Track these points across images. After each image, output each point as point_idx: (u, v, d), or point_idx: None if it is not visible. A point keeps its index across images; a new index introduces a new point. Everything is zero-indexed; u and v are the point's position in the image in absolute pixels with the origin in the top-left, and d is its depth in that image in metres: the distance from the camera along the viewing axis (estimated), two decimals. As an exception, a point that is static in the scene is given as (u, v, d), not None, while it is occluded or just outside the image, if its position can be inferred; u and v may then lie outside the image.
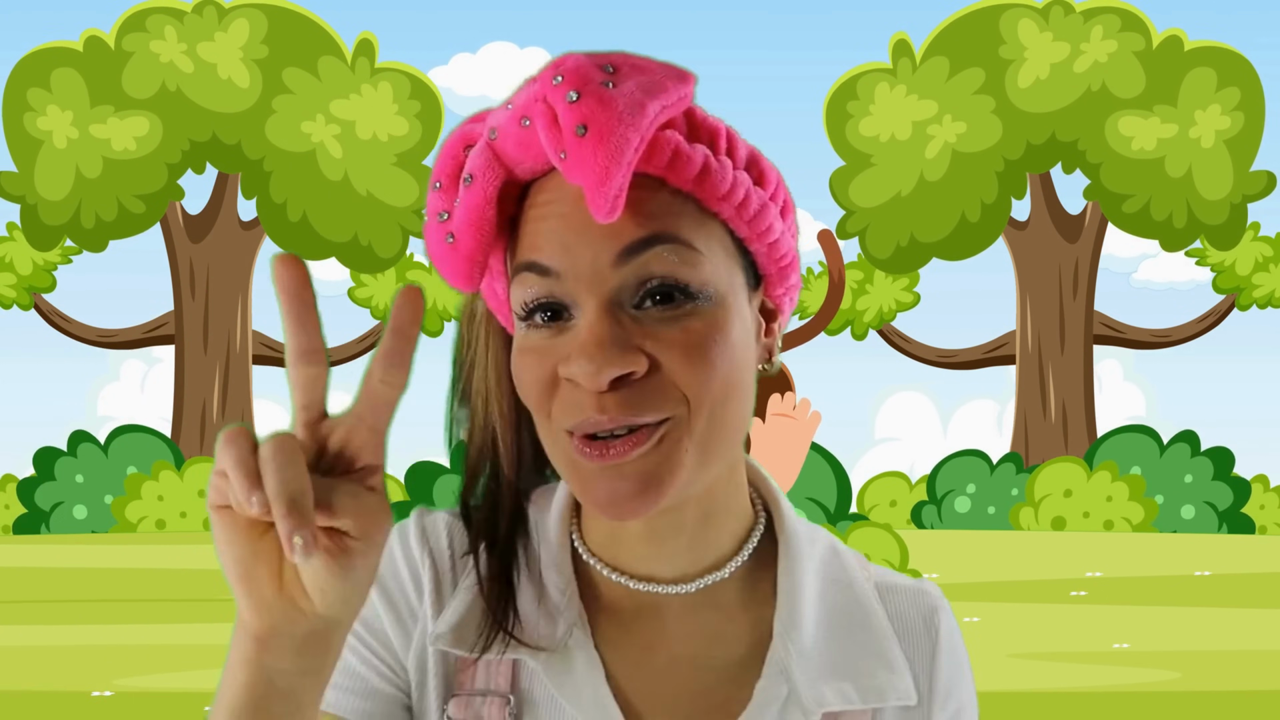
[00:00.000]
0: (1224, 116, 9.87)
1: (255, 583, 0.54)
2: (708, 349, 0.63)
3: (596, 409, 0.62)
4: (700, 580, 0.72)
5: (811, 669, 0.71)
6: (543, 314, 0.64)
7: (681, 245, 0.63)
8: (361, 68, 10.19)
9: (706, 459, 0.66)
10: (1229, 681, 4.59)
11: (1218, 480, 9.66)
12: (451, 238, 0.64)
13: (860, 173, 10.03)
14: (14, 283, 10.60)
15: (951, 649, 0.76)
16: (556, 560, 0.74)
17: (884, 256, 10.14)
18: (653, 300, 0.63)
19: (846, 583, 0.76)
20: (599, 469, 0.64)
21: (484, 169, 0.64)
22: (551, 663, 0.71)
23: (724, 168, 0.64)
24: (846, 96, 10.05)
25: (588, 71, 0.60)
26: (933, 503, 9.84)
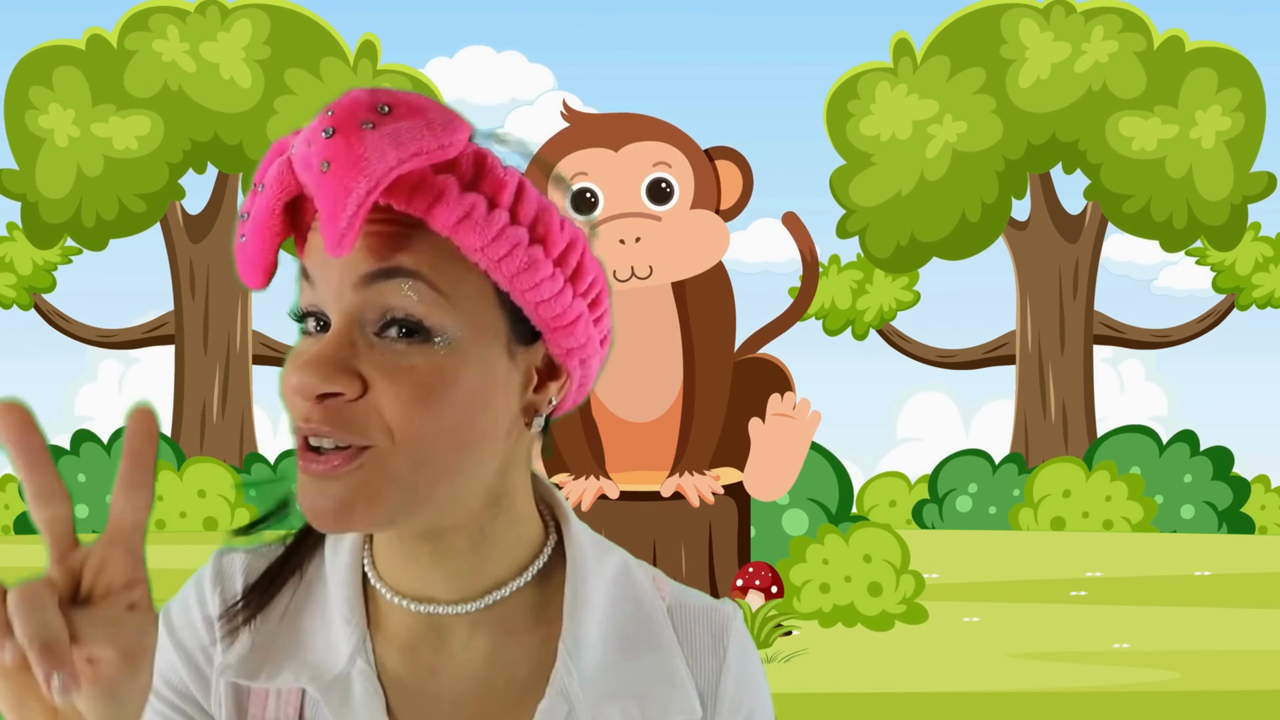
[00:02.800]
0: (1225, 117, 9.87)
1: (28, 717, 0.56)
2: (424, 390, 0.65)
3: (303, 416, 0.65)
4: (482, 600, 0.73)
5: (594, 688, 0.73)
6: (315, 321, 0.67)
7: (422, 284, 0.65)
8: (364, 69, 10.19)
9: (414, 499, 0.67)
10: (1229, 681, 4.59)
11: (1217, 480, 9.67)
12: (243, 237, 0.68)
13: (860, 172, 10.03)
14: (14, 283, 10.60)
15: (741, 665, 0.78)
16: (345, 588, 0.74)
17: (884, 256, 10.14)
18: (396, 331, 0.65)
19: (635, 601, 0.77)
20: (304, 479, 0.66)
21: (275, 180, 0.66)
22: (331, 692, 0.72)
23: (491, 220, 0.65)
24: (847, 96, 10.05)
25: (355, 109, 0.64)
26: (934, 502, 9.84)
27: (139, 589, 0.59)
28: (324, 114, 0.64)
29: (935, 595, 5.26)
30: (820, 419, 4.90)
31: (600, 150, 4.92)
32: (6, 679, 0.55)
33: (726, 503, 4.96)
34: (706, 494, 4.90)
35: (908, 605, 5.02)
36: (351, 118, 0.64)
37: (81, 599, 0.57)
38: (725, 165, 4.97)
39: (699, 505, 4.91)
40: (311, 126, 0.65)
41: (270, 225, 0.67)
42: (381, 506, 0.66)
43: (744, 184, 4.97)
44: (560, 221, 0.69)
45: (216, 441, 10.57)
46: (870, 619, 5.02)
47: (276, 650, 0.73)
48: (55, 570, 0.58)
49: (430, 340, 0.65)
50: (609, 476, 4.96)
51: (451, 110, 0.66)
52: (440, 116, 0.65)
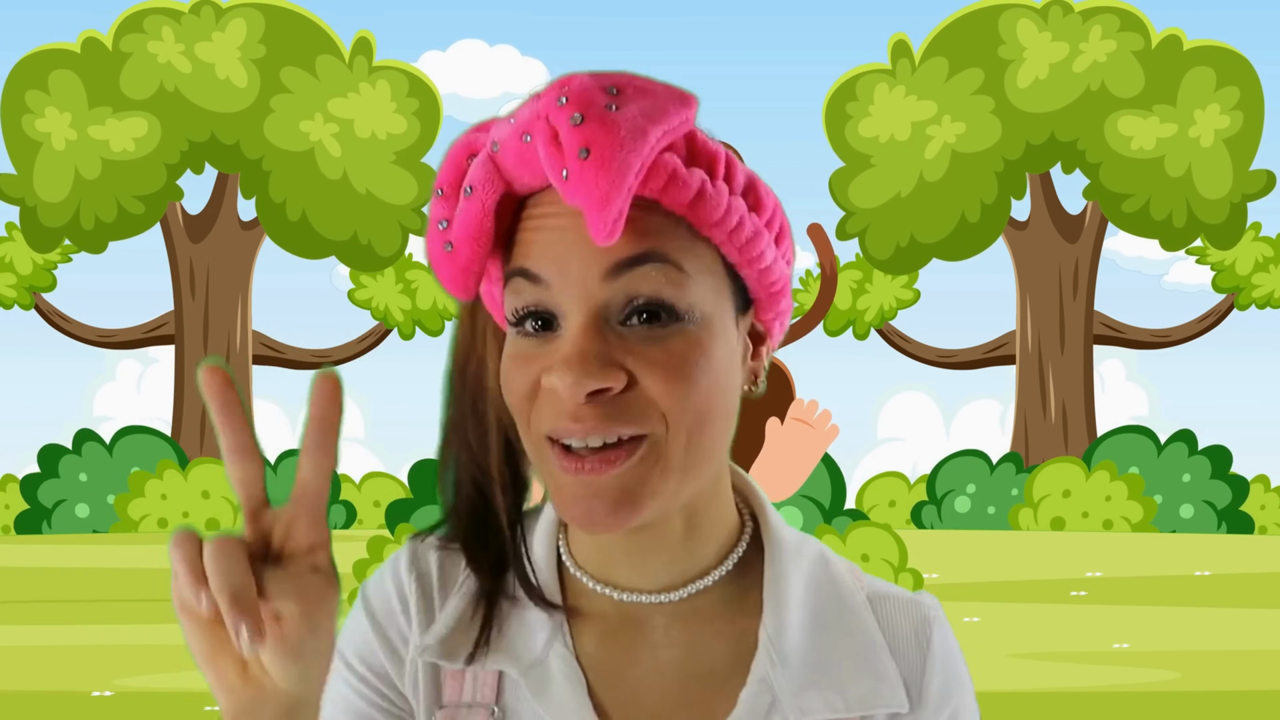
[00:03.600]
0: (1223, 116, 9.87)
1: (220, 670, 0.59)
2: (688, 369, 0.64)
3: (572, 417, 0.63)
4: (683, 590, 0.72)
5: (796, 678, 0.72)
6: (533, 322, 0.66)
7: (670, 266, 0.64)
8: (359, 66, 10.19)
9: (685, 479, 0.66)
10: (1229, 681, 4.59)
11: (1215, 479, 9.67)
12: (450, 246, 0.66)
13: (860, 173, 10.04)
14: (14, 283, 10.60)
15: (945, 659, 0.76)
16: (543, 572, 0.74)
17: (884, 257, 10.15)
18: (639, 318, 0.64)
19: (835, 591, 0.76)
20: (574, 482, 0.64)
21: (484, 181, 0.65)
22: (533, 675, 0.72)
23: (719, 193, 0.65)
24: (846, 97, 10.06)
25: (592, 94, 0.61)
26: (933, 502, 9.85)
27: (322, 552, 0.60)
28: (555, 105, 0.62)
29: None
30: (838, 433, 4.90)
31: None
32: (201, 631, 0.58)
33: (726, 503, 4.96)
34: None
35: (907, 605, 5.03)
36: (593, 102, 0.61)
37: (271, 558, 0.59)
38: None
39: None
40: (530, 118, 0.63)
41: (484, 229, 0.65)
42: (657, 496, 0.65)
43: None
44: (765, 187, 0.70)
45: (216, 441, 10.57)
46: (870, 619, 5.02)
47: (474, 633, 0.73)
48: (247, 528, 0.59)
49: (680, 320, 0.64)
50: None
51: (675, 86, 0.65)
52: (670, 91, 0.64)
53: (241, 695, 0.59)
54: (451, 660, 0.73)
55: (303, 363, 11.16)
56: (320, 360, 11.10)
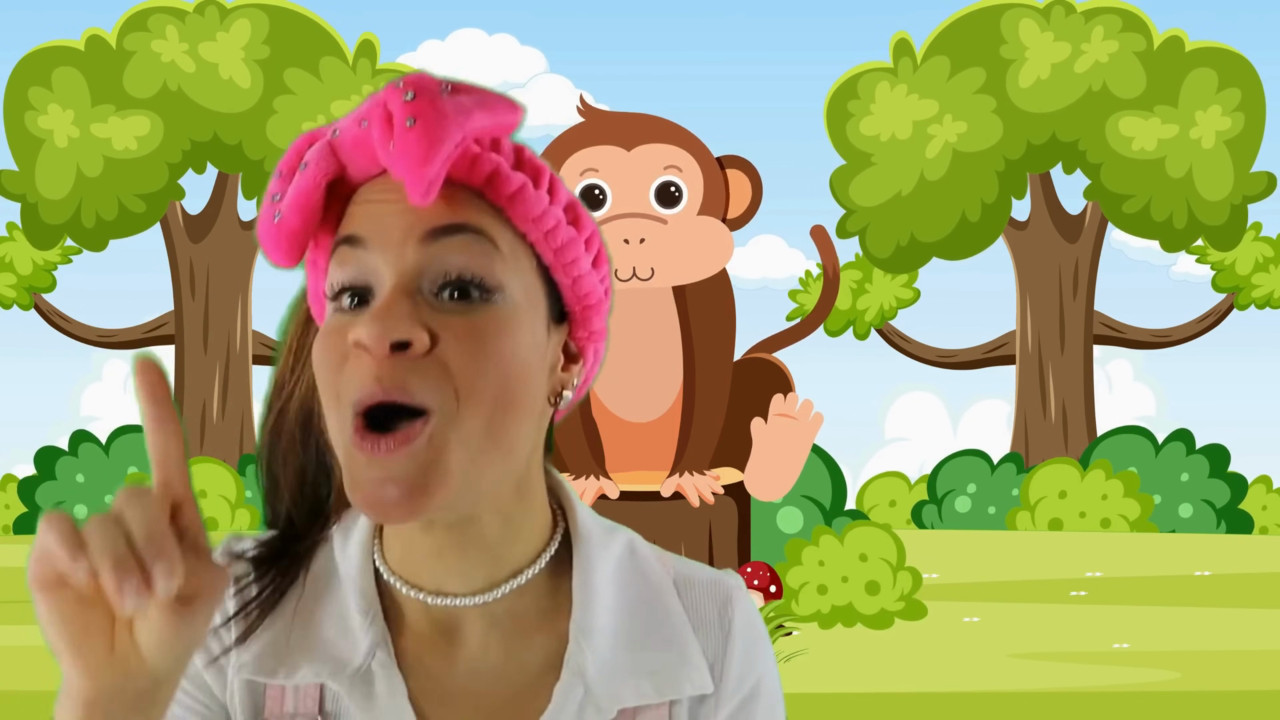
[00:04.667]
0: (1225, 117, 9.88)
1: (85, 650, 0.57)
2: (489, 343, 0.65)
3: (374, 378, 0.64)
4: (497, 590, 0.73)
5: (607, 668, 0.73)
6: (350, 296, 0.67)
7: (485, 239, 0.66)
8: (363, 68, 10.19)
9: (478, 467, 0.66)
10: (1229, 681, 4.59)
11: (1214, 478, 9.68)
12: (279, 215, 0.68)
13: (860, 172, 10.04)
14: (14, 283, 10.61)
15: (747, 635, 0.78)
16: (359, 582, 0.74)
17: (884, 256, 10.15)
18: (450, 294, 0.66)
19: (642, 579, 0.78)
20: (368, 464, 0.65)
21: (318, 159, 0.67)
22: (355, 685, 0.72)
23: (539, 196, 0.68)
24: (847, 96, 10.07)
25: (429, 81, 0.65)
26: (933, 502, 9.85)
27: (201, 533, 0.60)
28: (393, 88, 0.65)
29: (935, 595, 5.26)
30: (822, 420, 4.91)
31: (612, 148, 4.92)
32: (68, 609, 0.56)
33: (726, 503, 4.96)
34: (706, 494, 4.90)
35: (906, 602, 5.03)
36: (428, 87, 0.65)
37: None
38: (736, 175, 4.97)
39: (699, 505, 4.91)
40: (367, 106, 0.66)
41: (312, 201, 0.67)
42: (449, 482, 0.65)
43: (753, 195, 4.97)
44: (585, 212, 0.72)
45: (216, 441, 10.56)
46: (869, 618, 5.02)
47: (292, 647, 0.74)
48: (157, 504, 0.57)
49: (489, 298, 0.66)
50: (609, 476, 4.96)
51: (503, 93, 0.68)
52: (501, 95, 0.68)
53: (103, 679, 0.57)
54: (269, 676, 0.73)
55: (303, 362, 11.16)
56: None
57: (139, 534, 0.54)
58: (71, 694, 0.57)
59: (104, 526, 0.55)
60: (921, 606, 5.04)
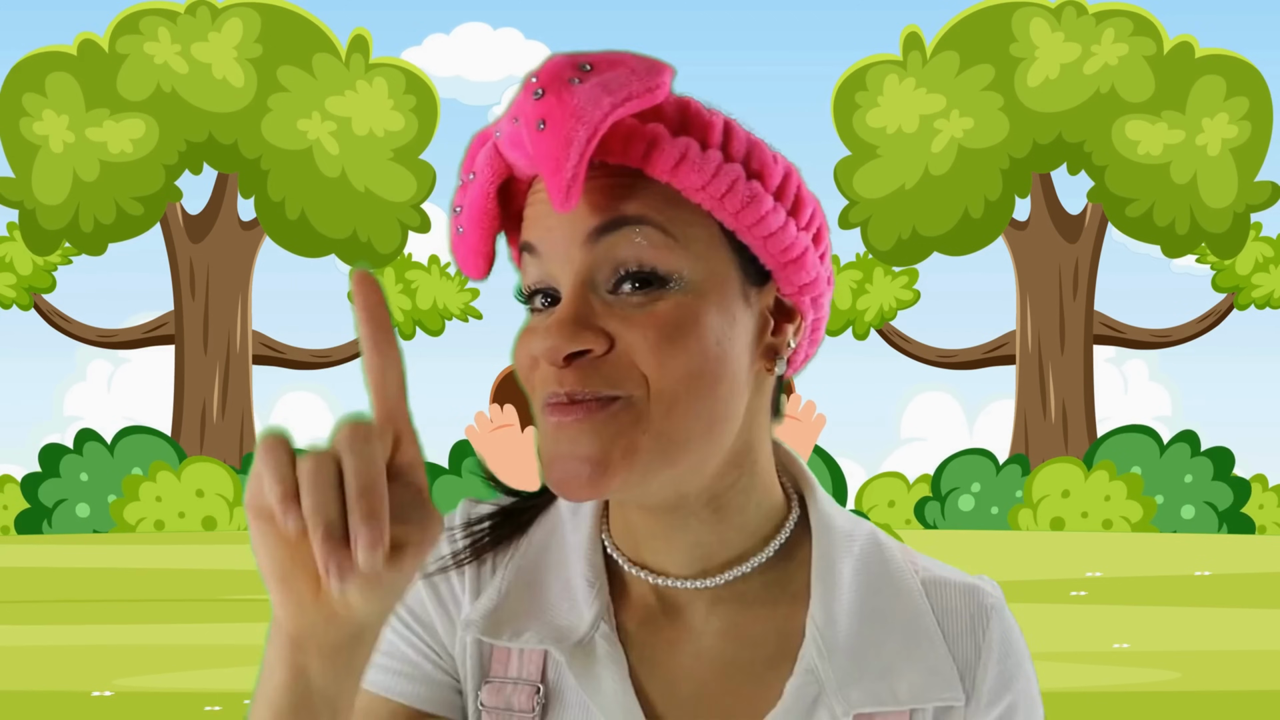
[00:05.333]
0: (1231, 125, 9.87)
1: (292, 588, 0.54)
2: (672, 333, 0.64)
3: (556, 381, 0.64)
4: (722, 575, 0.71)
5: (844, 669, 0.70)
6: (542, 298, 0.67)
7: (652, 229, 0.64)
8: (356, 64, 10.19)
9: (669, 450, 0.65)
10: (1229, 681, 4.59)
11: (1218, 480, 9.67)
12: (460, 230, 0.68)
13: (865, 163, 10.04)
14: (14, 283, 10.60)
15: (1004, 649, 0.74)
16: (587, 554, 0.74)
17: (885, 248, 10.15)
18: (629, 286, 0.64)
19: (888, 578, 0.74)
20: (556, 439, 0.64)
21: (485, 166, 0.66)
22: (576, 655, 0.71)
23: (706, 159, 0.65)
24: (855, 87, 10.05)
25: (559, 69, 0.62)
26: (937, 500, 9.85)
27: (421, 470, 0.55)
28: (528, 83, 0.63)
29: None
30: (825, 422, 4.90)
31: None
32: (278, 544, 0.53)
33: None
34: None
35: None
36: (558, 77, 0.62)
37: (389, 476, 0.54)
38: None
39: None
40: (515, 102, 0.64)
41: (486, 211, 0.66)
42: (635, 461, 0.64)
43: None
44: (773, 155, 0.69)
45: (216, 441, 10.56)
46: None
47: (519, 611, 0.73)
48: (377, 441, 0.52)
49: (666, 285, 0.64)
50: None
51: (651, 57, 0.65)
52: (643, 62, 0.64)
53: (310, 617, 0.54)
54: (495, 637, 0.72)
55: (303, 363, 11.16)
56: (320, 360, 11.10)
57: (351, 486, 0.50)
58: (278, 627, 0.55)
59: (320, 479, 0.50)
60: (922, 606, 5.04)
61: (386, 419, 0.54)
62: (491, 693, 0.73)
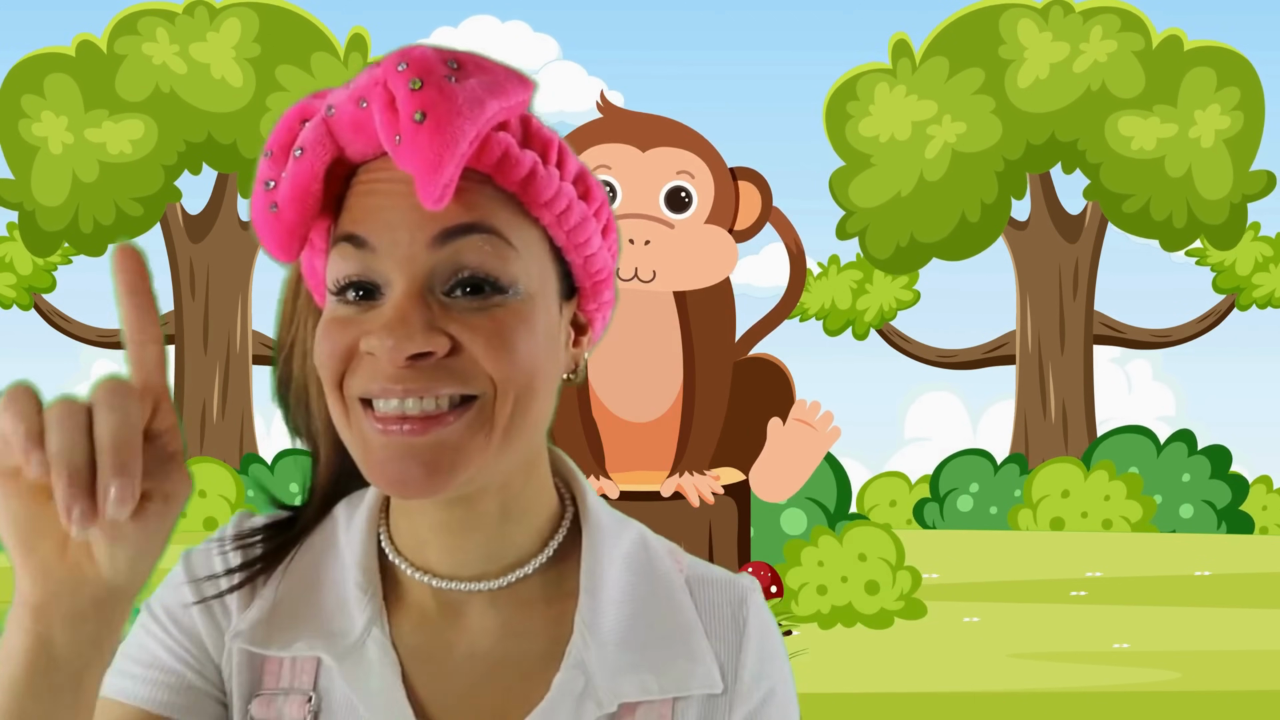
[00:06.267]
0: (1224, 116, 9.88)
1: (36, 550, 0.53)
2: (512, 337, 0.64)
3: (391, 378, 0.63)
4: (503, 578, 0.72)
5: (611, 661, 0.71)
6: (355, 290, 0.65)
7: (498, 238, 0.64)
8: (355, 63, 10.19)
9: (506, 448, 0.66)
10: (1229, 681, 4.59)
11: (1215, 479, 9.68)
12: (275, 207, 0.65)
13: (860, 173, 10.04)
14: (14, 283, 10.61)
15: (761, 638, 0.76)
16: (361, 559, 0.73)
17: (884, 257, 10.15)
18: (463, 290, 0.64)
19: (653, 574, 0.76)
20: (387, 443, 0.63)
21: (315, 144, 0.64)
22: (347, 660, 0.71)
23: (550, 176, 0.65)
24: (846, 97, 10.06)
25: (433, 63, 0.61)
26: (935, 501, 9.85)
27: (175, 437, 0.55)
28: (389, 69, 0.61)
29: (935, 595, 5.26)
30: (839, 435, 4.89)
31: (627, 147, 4.91)
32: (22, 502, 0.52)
33: (726, 503, 4.96)
34: (706, 494, 4.89)
35: (906, 602, 5.03)
36: (432, 70, 0.61)
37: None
38: (746, 186, 4.97)
39: (699, 505, 4.91)
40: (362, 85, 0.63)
41: (311, 192, 0.64)
42: (474, 460, 0.64)
43: (762, 208, 4.96)
44: (594, 178, 0.70)
45: (216, 441, 10.56)
46: (869, 617, 5.02)
47: (289, 618, 0.72)
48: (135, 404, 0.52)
49: (504, 293, 0.65)
50: (609, 476, 4.96)
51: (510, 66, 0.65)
52: (507, 70, 0.64)
53: (54, 579, 0.53)
54: (264, 647, 0.72)
55: (302, 363, 11.16)
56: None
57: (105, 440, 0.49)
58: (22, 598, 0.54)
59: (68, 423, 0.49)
60: (921, 606, 5.04)
61: (146, 389, 0.54)
62: (262, 705, 0.72)
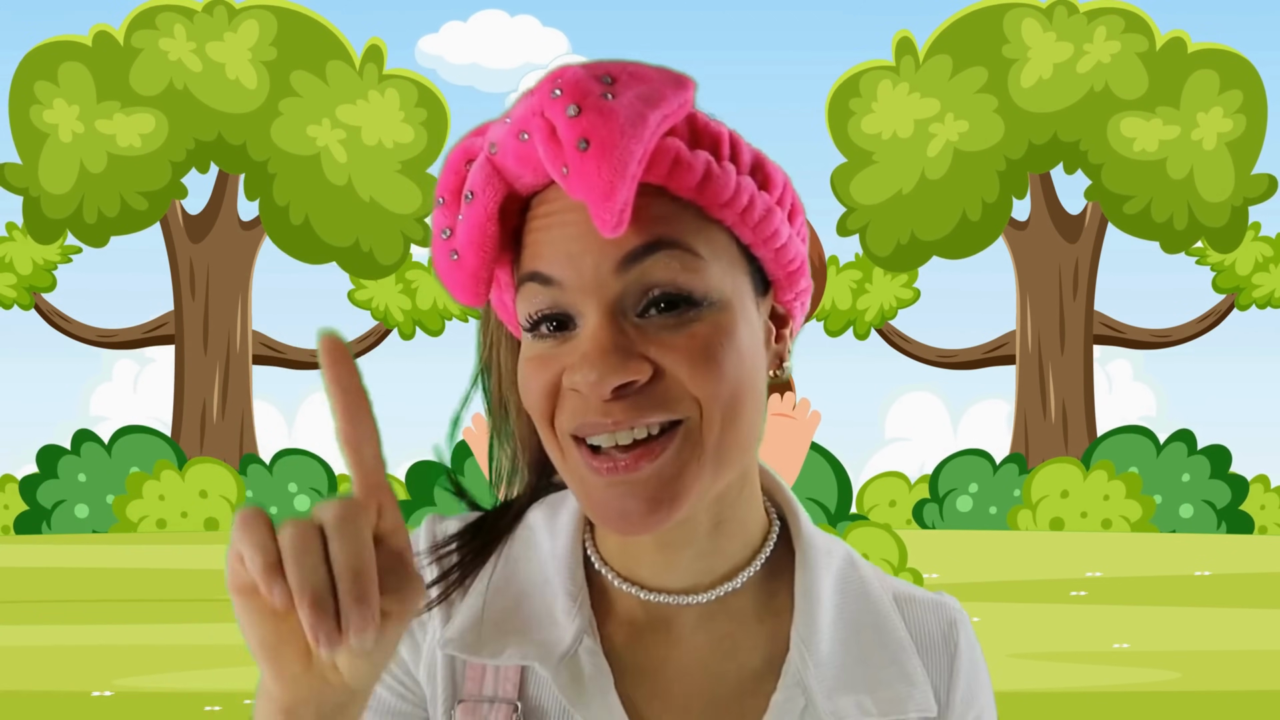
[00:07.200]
0: (1226, 119, 9.87)
1: (283, 662, 0.53)
2: (714, 353, 0.62)
3: (600, 412, 0.62)
4: (713, 591, 0.71)
5: (828, 681, 0.70)
6: (548, 324, 0.64)
7: (683, 251, 0.62)
8: (369, 74, 10.19)
9: (720, 468, 0.64)
10: (1229, 681, 4.59)
11: (1215, 479, 9.67)
12: (455, 255, 0.64)
13: (862, 170, 10.04)
14: (14, 283, 10.60)
15: (971, 661, 0.76)
16: (568, 568, 0.73)
17: (884, 254, 10.15)
18: (656, 308, 0.62)
19: (864, 594, 0.75)
20: (607, 483, 0.63)
21: (484, 185, 0.63)
22: (560, 671, 0.70)
23: (726, 174, 0.63)
24: (849, 94, 10.06)
25: (586, 84, 0.59)
26: (935, 501, 9.85)
27: (403, 534, 0.54)
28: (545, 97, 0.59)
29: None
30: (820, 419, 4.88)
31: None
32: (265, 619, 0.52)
33: (726, 503, 4.96)
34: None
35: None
36: (587, 91, 0.59)
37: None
38: None
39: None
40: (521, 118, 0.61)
41: (488, 234, 0.63)
42: (694, 487, 0.63)
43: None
44: (773, 164, 0.68)
45: (216, 441, 10.56)
46: (870, 619, 5.02)
47: (497, 626, 0.71)
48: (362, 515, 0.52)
49: (699, 306, 0.62)
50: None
51: (667, 68, 0.63)
52: (666, 74, 0.62)
53: (302, 687, 0.54)
54: (474, 654, 0.71)
55: (303, 363, 11.16)
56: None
57: (342, 569, 0.49)
58: (270, 698, 0.55)
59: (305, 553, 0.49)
60: (922, 607, 5.03)
61: (368, 492, 0.53)
62: (466, 712, 0.71)
